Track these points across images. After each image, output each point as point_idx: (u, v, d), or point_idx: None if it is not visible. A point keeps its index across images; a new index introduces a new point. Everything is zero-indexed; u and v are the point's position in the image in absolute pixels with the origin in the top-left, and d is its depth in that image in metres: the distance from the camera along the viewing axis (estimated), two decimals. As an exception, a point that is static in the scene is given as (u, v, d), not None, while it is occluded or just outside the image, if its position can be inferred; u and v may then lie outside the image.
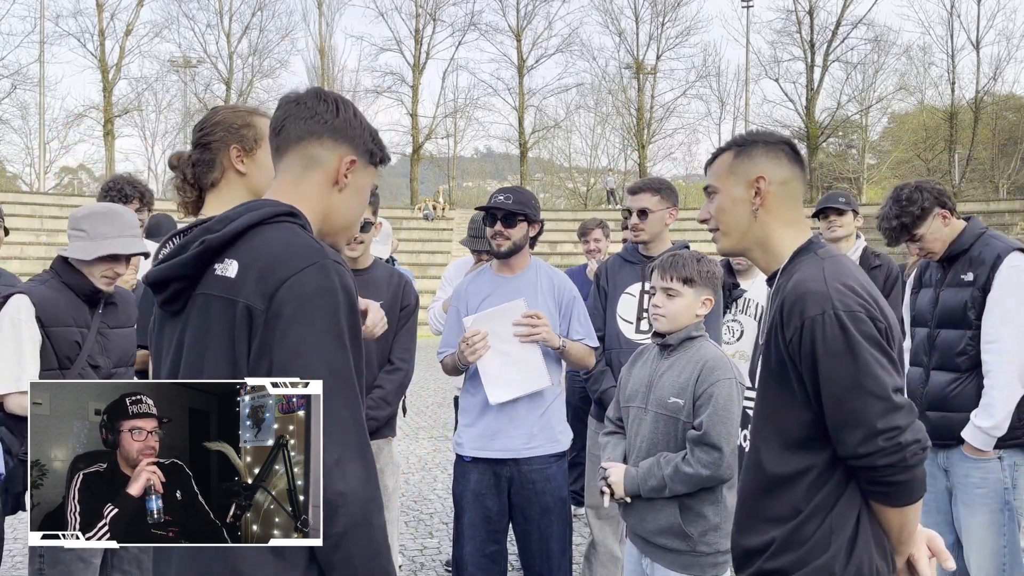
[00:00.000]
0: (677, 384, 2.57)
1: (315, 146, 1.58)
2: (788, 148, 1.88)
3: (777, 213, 1.82)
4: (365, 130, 1.63)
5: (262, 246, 1.43)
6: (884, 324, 1.63)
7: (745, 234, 1.85)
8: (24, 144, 38.01)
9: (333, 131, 1.59)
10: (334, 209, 1.61)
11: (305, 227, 1.51)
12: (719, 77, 42.55)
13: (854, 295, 1.64)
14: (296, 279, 1.37)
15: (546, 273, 3.37)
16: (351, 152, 1.60)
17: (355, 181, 1.61)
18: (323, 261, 1.40)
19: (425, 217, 29.44)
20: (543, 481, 3.21)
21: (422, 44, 36.42)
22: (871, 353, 1.60)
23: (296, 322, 1.35)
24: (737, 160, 1.86)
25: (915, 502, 1.64)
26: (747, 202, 1.83)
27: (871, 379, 1.59)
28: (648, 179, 3.71)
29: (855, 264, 1.78)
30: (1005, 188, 34.32)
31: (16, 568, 4.68)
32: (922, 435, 1.60)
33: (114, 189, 3.89)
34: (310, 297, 1.37)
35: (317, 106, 1.59)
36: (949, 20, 33.78)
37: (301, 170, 1.58)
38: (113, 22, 33.75)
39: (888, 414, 1.58)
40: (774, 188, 1.82)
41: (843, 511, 1.67)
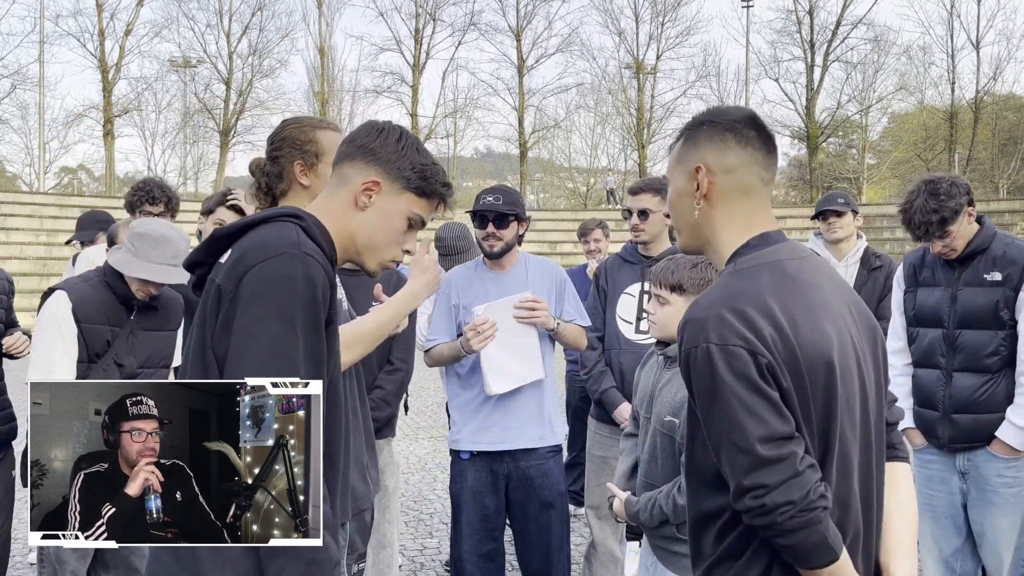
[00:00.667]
0: (673, 403, 2.52)
1: (347, 166, 1.69)
2: (741, 128, 1.58)
3: (723, 208, 1.56)
4: (405, 158, 1.68)
5: (253, 237, 1.54)
6: (767, 359, 1.38)
7: (693, 232, 1.62)
8: (24, 144, 38.02)
9: (365, 153, 1.67)
10: (356, 228, 1.67)
11: (307, 229, 1.56)
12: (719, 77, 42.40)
13: (739, 323, 1.39)
14: (263, 265, 1.46)
15: (535, 264, 3.41)
16: (378, 175, 1.66)
17: (380, 203, 1.66)
18: (292, 252, 1.47)
19: (425, 217, 29.43)
20: (541, 477, 3.22)
21: (422, 44, 36.44)
22: (738, 396, 1.37)
23: (253, 304, 1.44)
24: (684, 147, 1.62)
25: (820, 566, 1.40)
26: (690, 195, 1.58)
27: (735, 428, 1.38)
28: (649, 179, 3.71)
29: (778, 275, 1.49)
30: (1005, 188, 34.33)
31: (16, 568, 4.67)
32: (799, 494, 1.35)
33: (143, 190, 4.12)
34: (270, 282, 1.45)
35: (361, 130, 1.72)
36: (949, 20, 33.84)
37: (334, 187, 1.70)
38: (113, 22, 33.77)
39: (753, 471, 1.36)
40: (717, 178, 1.55)
41: (751, 562, 1.46)
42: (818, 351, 1.42)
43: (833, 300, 1.51)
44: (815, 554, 1.39)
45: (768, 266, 1.49)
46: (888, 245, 21.76)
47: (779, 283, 1.46)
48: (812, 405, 1.42)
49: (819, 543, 1.38)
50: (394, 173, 1.67)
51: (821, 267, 1.58)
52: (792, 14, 35.24)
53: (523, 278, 3.33)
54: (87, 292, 3.09)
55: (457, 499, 3.28)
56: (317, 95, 35.73)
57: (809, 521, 1.36)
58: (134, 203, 4.11)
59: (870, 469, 1.52)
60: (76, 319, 3.05)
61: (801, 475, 1.37)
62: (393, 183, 1.67)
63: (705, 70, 38.31)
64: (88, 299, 3.07)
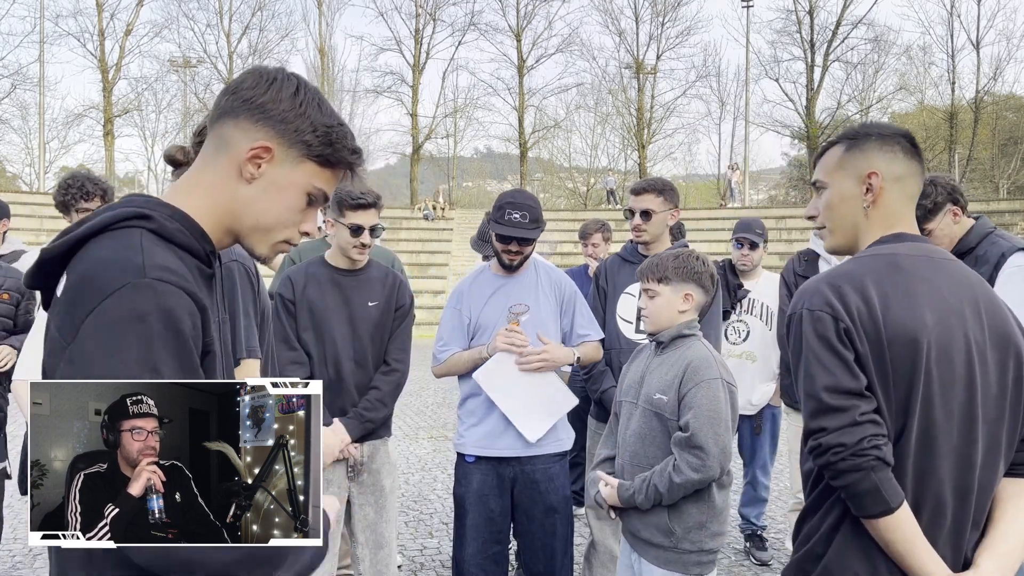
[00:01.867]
0: (664, 381, 2.60)
1: (229, 125, 1.31)
2: (904, 141, 1.75)
3: (887, 212, 1.72)
4: (305, 117, 1.31)
5: (87, 261, 1.19)
6: (846, 324, 1.57)
7: (851, 232, 1.76)
8: (24, 144, 38.00)
9: (252, 109, 1.30)
10: (242, 205, 1.32)
11: (159, 231, 1.23)
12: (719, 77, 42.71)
13: (831, 294, 1.60)
14: (103, 307, 1.13)
15: (545, 271, 3.39)
16: (271, 138, 1.30)
17: (272, 174, 1.31)
18: (136, 281, 1.14)
19: (425, 217, 29.44)
20: (547, 481, 3.22)
21: (422, 44, 36.44)
22: (814, 352, 1.58)
23: (101, 360, 1.12)
24: (848, 154, 1.75)
25: (873, 515, 1.54)
26: (858, 198, 1.73)
27: (808, 378, 1.60)
28: (651, 180, 3.70)
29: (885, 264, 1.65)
30: (1005, 188, 34.33)
31: (16, 568, 4.68)
32: (852, 439, 1.52)
33: (73, 186, 3.71)
34: (117, 326, 1.12)
35: (247, 79, 1.33)
36: (949, 20, 33.83)
37: (212, 153, 1.32)
38: (113, 22, 33.80)
39: (818, 415, 1.57)
40: (887, 184, 1.71)
41: (827, 514, 1.64)
42: (904, 329, 1.57)
43: (947, 296, 1.63)
44: (866, 501, 1.53)
45: (880, 256, 1.66)
46: (888, 245, 21.72)
47: (884, 270, 1.63)
48: (891, 374, 1.57)
49: (870, 489, 1.52)
50: (291, 137, 1.30)
51: (949, 269, 1.69)
52: (792, 14, 35.25)
53: (533, 283, 3.32)
54: None
55: (462, 501, 3.27)
56: (317, 95, 35.70)
57: (859, 466, 1.51)
58: (68, 202, 3.68)
59: (971, 462, 1.60)
60: None
61: (858, 425, 1.53)
62: (289, 149, 1.31)
63: (705, 70, 38.54)
64: None
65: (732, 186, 31.75)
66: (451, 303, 3.38)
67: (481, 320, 3.27)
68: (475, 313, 3.29)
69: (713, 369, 2.55)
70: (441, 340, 3.35)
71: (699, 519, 2.54)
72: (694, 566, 2.55)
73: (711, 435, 2.46)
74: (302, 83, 1.34)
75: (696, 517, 2.54)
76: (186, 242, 1.25)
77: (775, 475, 6.12)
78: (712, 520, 2.55)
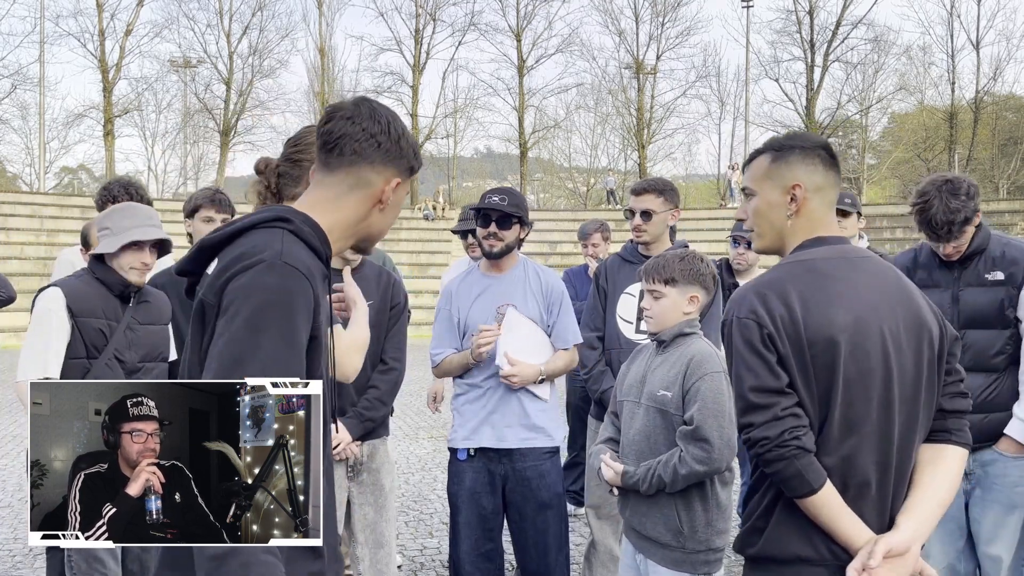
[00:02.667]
0: (667, 378, 2.62)
1: (366, 170, 1.60)
2: (824, 153, 1.91)
3: (809, 218, 1.89)
4: (410, 148, 1.65)
5: (237, 247, 1.47)
6: (769, 330, 1.74)
7: (779, 236, 1.93)
8: (24, 144, 38.04)
9: (385, 155, 1.61)
10: (372, 225, 1.65)
11: (297, 232, 1.50)
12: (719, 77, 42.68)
13: (757, 302, 1.77)
14: (239, 276, 1.40)
15: (534, 271, 3.39)
16: (397, 174, 1.62)
17: (396, 198, 1.65)
18: (271, 261, 1.40)
19: (425, 217, 29.44)
20: (538, 478, 3.23)
21: (422, 44, 36.42)
22: (741, 356, 1.77)
23: (235, 316, 1.36)
24: (774, 165, 1.91)
25: (799, 496, 1.73)
26: (782, 207, 1.89)
27: (737, 379, 1.78)
28: (651, 180, 3.70)
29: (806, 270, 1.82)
30: (1005, 188, 34.34)
31: (16, 568, 4.68)
32: (775, 432, 1.71)
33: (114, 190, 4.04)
34: (243, 292, 1.38)
35: (372, 127, 1.60)
36: (949, 20, 33.82)
37: (347, 189, 1.60)
38: (113, 22, 33.75)
39: (745, 413, 1.76)
40: (810, 195, 1.87)
41: (765, 494, 1.83)
42: (822, 330, 1.74)
43: (862, 293, 1.80)
44: (792, 484, 1.73)
45: (801, 263, 1.84)
46: (888, 245, 21.75)
47: (804, 275, 1.80)
48: (812, 371, 1.74)
49: (794, 475, 1.72)
50: (405, 167, 1.64)
51: (865, 267, 1.85)
52: (792, 14, 35.25)
53: (522, 282, 3.32)
54: (80, 287, 3.09)
55: (455, 499, 3.28)
56: (317, 95, 35.73)
57: (782, 455, 1.71)
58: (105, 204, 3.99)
59: (889, 440, 1.78)
60: (71, 313, 3.04)
61: (780, 419, 1.73)
62: (404, 175, 1.65)
63: (705, 70, 38.54)
64: (82, 293, 3.07)
65: (732, 186, 31.75)
66: (441, 303, 3.39)
67: (469, 321, 3.28)
68: (463, 313, 3.30)
69: (716, 363, 2.57)
70: (435, 343, 3.37)
71: (706, 517, 2.55)
72: (702, 565, 2.55)
73: (715, 427, 2.47)
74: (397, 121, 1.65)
75: (702, 516, 2.55)
76: (315, 245, 1.52)
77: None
78: (718, 518, 2.57)
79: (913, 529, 1.76)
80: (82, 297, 3.06)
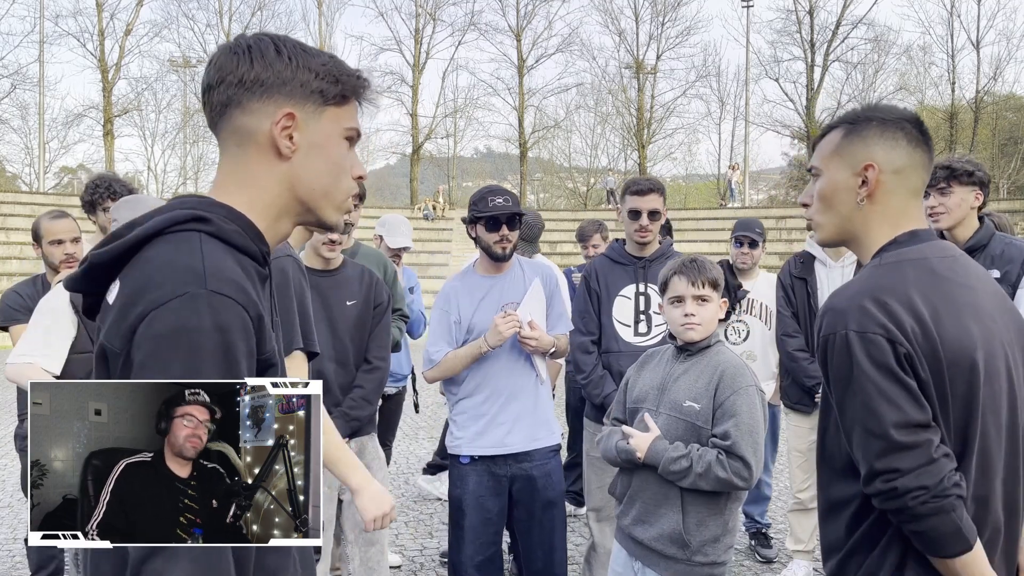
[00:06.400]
0: (694, 389, 2.53)
1: (239, 115, 1.24)
2: (910, 127, 1.57)
3: (884, 206, 1.56)
4: (298, 67, 1.24)
5: (143, 267, 1.14)
6: (906, 349, 1.40)
7: (843, 225, 1.60)
8: (24, 144, 37.92)
9: (252, 88, 1.22)
10: (293, 181, 1.26)
11: (218, 234, 1.18)
12: (719, 77, 42.60)
13: (880, 313, 1.42)
14: (154, 315, 1.07)
15: (529, 267, 3.42)
16: (285, 104, 1.23)
17: (306, 138, 1.25)
18: (193, 291, 1.08)
19: (425, 217, 29.44)
20: (544, 477, 3.24)
21: (422, 44, 36.44)
22: (874, 383, 1.40)
23: (151, 369, 1.07)
24: (846, 140, 1.59)
25: (952, 555, 1.40)
26: (852, 191, 1.57)
27: (870, 414, 1.41)
28: (652, 179, 3.69)
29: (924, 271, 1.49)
30: (1005, 188, 34.32)
31: (16, 568, 4.68)
32: (933, 480, 1.37)
33: (101, 186, 3.92)
34: (166, 339, 1.07)
35: (226, 62, 1.23)
36: (949, 20, 33.81)
37: (236, 149, 1.26)
38: (113, 22, 33.75)
39: (887, 455, 1.40)
40: (885, 178, 1.55)
41: (886, 550, 1.47)
42: (960, 348, 1.43)
43: (983, 301, 1.51)
44: (947, 542, 1.40)
45: (914, 262, 1.50)
46: (888, 245, 21.74)
47: (924, 279, 1.48)
48: (951, 399, 1.43)
49: (952, 531, 1.39)
50: (301, 93, 1.24)
51: (972, 268, 1.57)
52: (792, 14, 35.25)
53: (520, 279, 3.34)
54: None
55: (459, 503, 3.26)
56: (317, 95, 35.71)
57: (942, 508, 1.38)
58: (95, 201, 3.89)
59: (1016, 473, 1.53)
60: (75, 308, 3.05)
61: (936, 462, 1.39)
62: (306, 105, 1.25)
63: (705, 70, 38.50)
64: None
65: (732, 186, 31.75)
66: (439, 304, 3.37)
67: (474, 323, 3.27)
68: (466, 316, 3.28)
69: (748, 376, 2.50)
70: (431, 341, 3.35)
71: (716, 533, 2.49)
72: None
73: (751, 445, 2.41)
74: (275, 38, 1.26)
75: (713, 531, 2.49)
76: (244, 244, 1.21)
77: (775, 474, 6.12)
78: (726, 534, 2.52)
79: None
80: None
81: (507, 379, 3.22)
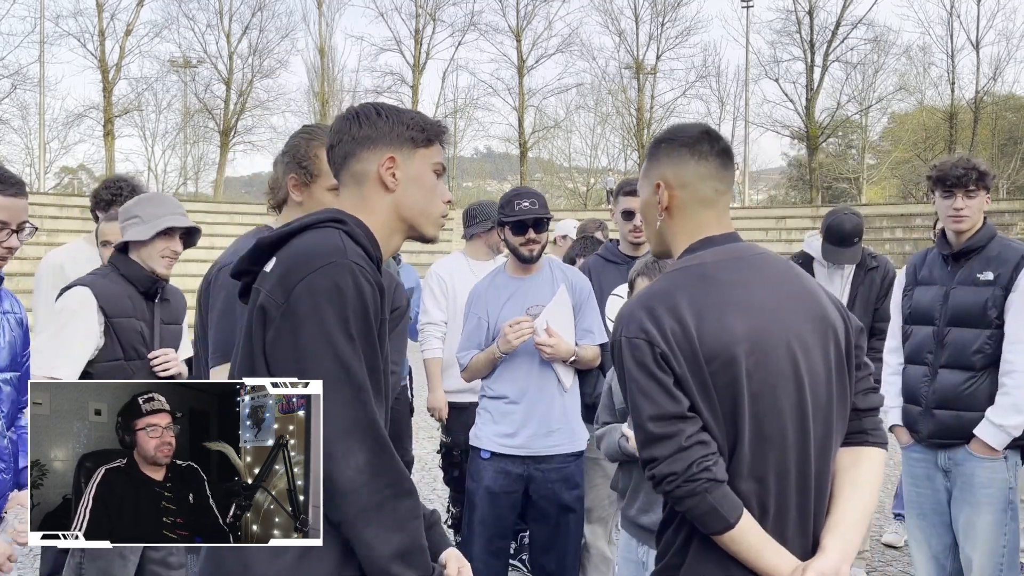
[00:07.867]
0: None
1: (354, 165, 1.68)
2: (695, 145, 1.74)
3: (681, 218, 1.74)
4: (394, 123, 1.68)
5: (298, 246, 1.55)
6: (662, 349, 1.57)
7: (659, 238, 1.80)
8: (24, 144, 37.82)
9: (362, 143, 1.67)
10: (398, 206, 1.69)
11: (351, 234, 1.57)
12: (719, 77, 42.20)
13: (646, 319, 1.60)
14: (312, 277, 1.46)
15: (560, 271, 3.41)
16: (386, 151, 1.66)
17: (406, 172, 1.68)
18: (340, 260, 1.48)
19: (425, 217, 29.46)
20: (562, 480, 3.24)
21: (422, 44, 36.40)
22: (636, 381, 1.59)
23: (308, 319, 1.43)
24: (647, 163, 1.80)
25: (715, 532, 1.57)
26: (654, 207, 1.77)
27: (634, 409, 1.61)
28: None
29: (695, 277, 1.66)
30: (1005, 188, 34.33)
31: (16, 568, 4.68)
32: (682, 466, 1.54)
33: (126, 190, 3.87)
34: (322, 295, 1.44)
35: (343, 128, 1.69)
36: (949, 20, 33.76)
37: (356, 188, 1.69)
38: (113, 22, 33.68)
39: (646, 446, 1.59)
40: (676, 192, 1.73)
41: (678, 529, 1.68)
42: (720, 343, 1.58)
43: (760, 296, 1.65)
44: (707, 521, 1.57)
45: (688, 268, 1.68)
46: (888, 245, 21.75)
47: (694, 283, 1.65)
48: (714, 390, 1.59)
49: (708, 511, 1.55)
50: (397, 140, 1.68)
51: (758, 265, 1.70)
52: (792, 14, 35.20)
53: (549, 282, 3.32)
54: (109, 286, 2.89)
55: (472, 496, 3.29)
56: (317, 95, 35.71)
57: (694, 491, 1.55)
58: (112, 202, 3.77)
59: (806, 453, 1.64)
60: (104, 314, 2.84)
61: (686, 450, 1.55)
62: (402, 149, 1.68)
63: (705, 70, 38.19)
64: (112, 292, 2.88)
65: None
66: (470, 307, 3.38)
67: (500, 324, 3.26)
68: (493, 317, 3.28)
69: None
70: (461, 345, 3.36)
71: None
72: None
73: None
74: (375, 104, 1.73)
75: None
76: (367, 246, 1.59)
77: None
78: None
79: (840, 550, 1.63)
80: (114, 296, 2.87)
81: (530, 382, 3.22)
